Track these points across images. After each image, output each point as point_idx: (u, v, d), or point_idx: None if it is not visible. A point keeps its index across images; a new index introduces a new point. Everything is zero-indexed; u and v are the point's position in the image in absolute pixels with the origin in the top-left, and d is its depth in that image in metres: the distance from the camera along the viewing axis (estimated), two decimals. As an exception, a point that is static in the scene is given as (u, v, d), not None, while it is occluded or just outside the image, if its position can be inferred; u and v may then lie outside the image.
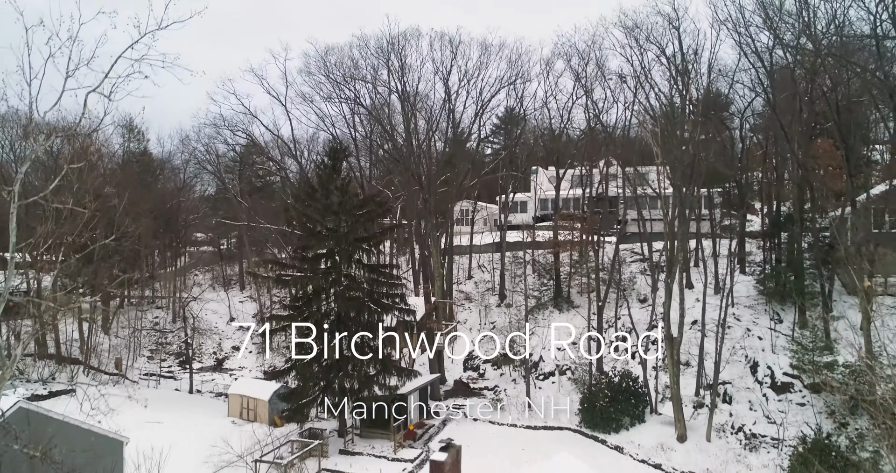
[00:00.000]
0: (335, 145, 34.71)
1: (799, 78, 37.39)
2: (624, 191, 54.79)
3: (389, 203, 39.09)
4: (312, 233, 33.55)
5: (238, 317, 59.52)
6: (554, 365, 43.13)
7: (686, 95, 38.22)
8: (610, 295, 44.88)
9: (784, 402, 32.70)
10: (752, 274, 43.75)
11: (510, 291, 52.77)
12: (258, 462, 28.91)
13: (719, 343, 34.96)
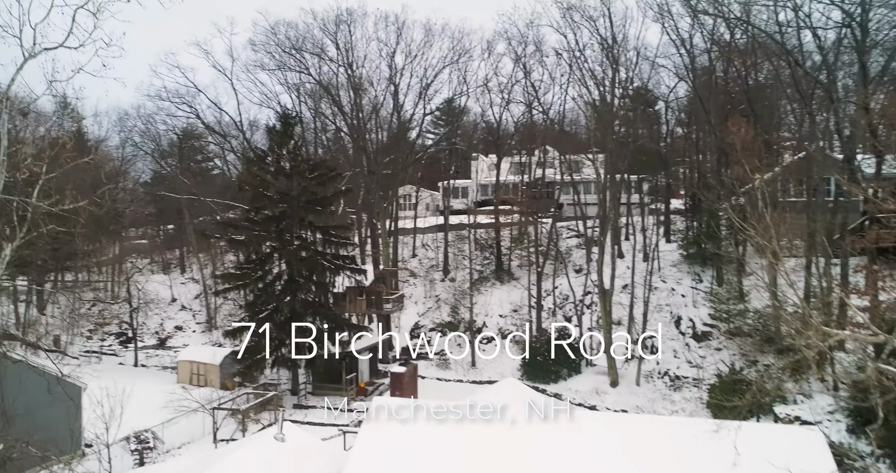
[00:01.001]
0: (286, 111, 36.18)
1: (715, 60, 41.55)
2: (561, 176, 58.26)
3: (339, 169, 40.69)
4: (264, 196, 34.90)
5: (180, 298, 59.48)
6: (497, 330, 45.79)
7: (616, 76, 41.74)
8: (548, 267, 48.10)
9: (704, 348, 36.46)
10: (675, 241, 47.83)
11: (453, 267, 55.27)
12: (216, 410, 30.01)
13: (646, 301, 38.59)
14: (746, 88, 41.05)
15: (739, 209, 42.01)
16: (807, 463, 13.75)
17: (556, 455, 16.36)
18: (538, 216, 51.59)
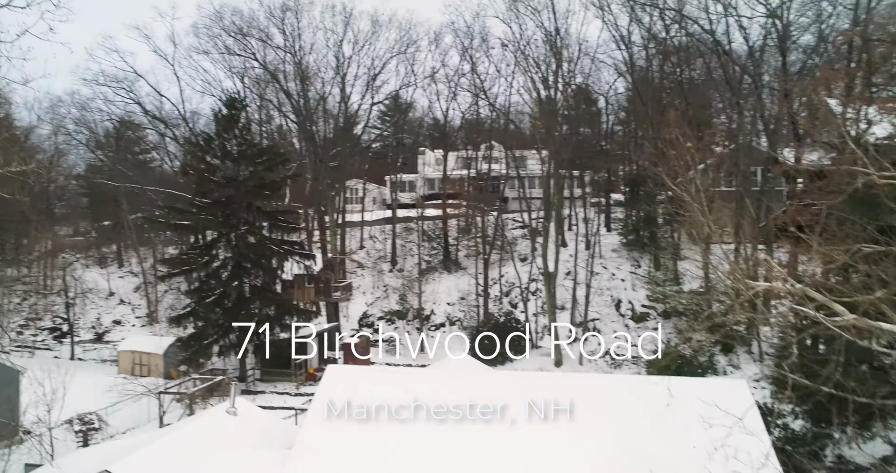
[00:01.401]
0: (233, 95, 36.03)
1: (653, 56, 43.73)
2: (507, 170, 59.68)
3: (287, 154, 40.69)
4: (210, 180, 34.67)
5: (118, 292, 57.82)
6: (445, 317, 46.66)
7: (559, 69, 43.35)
8: (494, 256, 49.43)
9: (642, 328, 38.39)
10: (616, 229, 49.97)
11: (401, 257, 55.90)
12: (162, 394, 29.67)
13: (588, 285, 40.29)
14: (681, 83, 43.39)
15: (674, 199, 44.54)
16: (732, 404, 15.13)
17: (505, 399, 17.33)
18: (484, 208, 52.84)
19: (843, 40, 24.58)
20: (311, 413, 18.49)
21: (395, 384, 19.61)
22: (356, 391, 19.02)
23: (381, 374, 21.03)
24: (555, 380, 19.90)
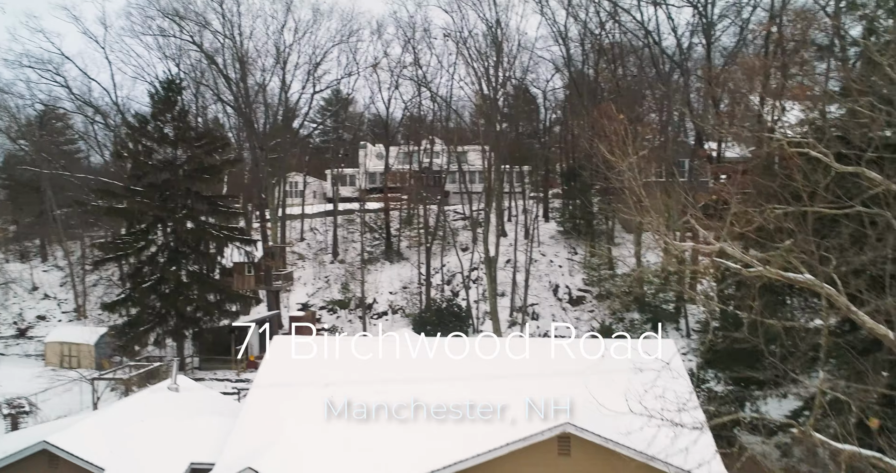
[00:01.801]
0: (170, 77, 35.37)
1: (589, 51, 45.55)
2: (447, 165, 60.55)
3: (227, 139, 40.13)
4: (146, 164, 33.92)
5: (43, 286, 55.27)
6: (387, 306, 47.02)
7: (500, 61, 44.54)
8: (436, 247, 50.23)
9: (579, 311, 39.94)
10: (554, 219, 51.69)
11: (342, 249, 55.87)
12: (96, 380, 28.88)
13: (528, 270, 41.59)
14: (615, 77, 45.37)
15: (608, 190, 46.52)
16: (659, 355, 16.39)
17: (448, 361, 18.06)
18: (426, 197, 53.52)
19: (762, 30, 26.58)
20: (260, 378, 18.67)
21: (342, 351, 20.03)
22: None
23: (327, 343, 21.35)
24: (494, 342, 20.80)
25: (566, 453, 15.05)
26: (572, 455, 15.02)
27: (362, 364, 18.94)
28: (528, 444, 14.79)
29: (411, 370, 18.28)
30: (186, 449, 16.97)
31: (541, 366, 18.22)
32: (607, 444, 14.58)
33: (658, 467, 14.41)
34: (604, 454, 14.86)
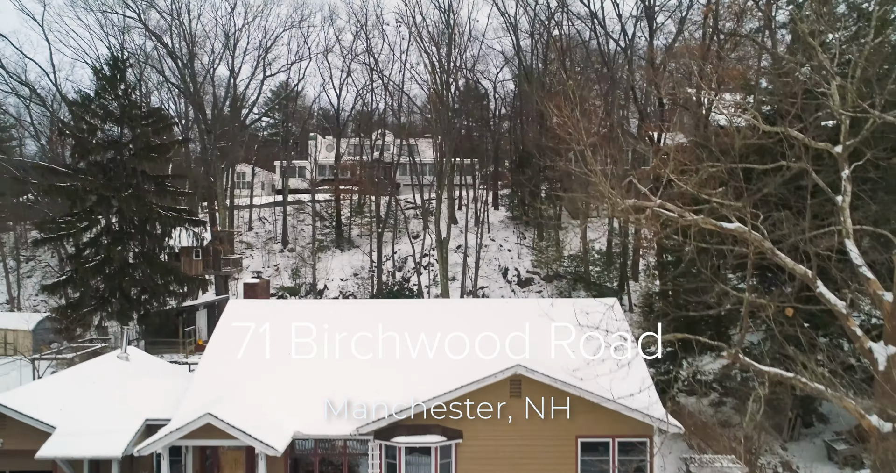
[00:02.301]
0: (116, 54, 34.67)
1: (536, 42, 46.88)
2: (398, 158, 60.90)
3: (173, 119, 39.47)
4: (90, 141, 33.12)
5: (-26, 276, 52.88)
6: (338, 292, 47.11)
7: (451, 48, 45.33)
8: (387, 235, 50.68)
9: (527, 292, 41.06)
10: (503, 206, 52.90)
11: (292, 238, 55.60)
12: (37, 360, 28.09)
13: (479, 251, 42.54)
14: (565, 68, 46.75)
15: (557, 178, 47.97)
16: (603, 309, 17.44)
17: (407, 316, 18.64)
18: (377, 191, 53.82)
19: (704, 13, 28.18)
20: (216, 336, 18.78)
21: (296, 311, 20.31)
22: (258, 317, 19.55)
23: (281, 305, 21.61)
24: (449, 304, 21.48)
25: (517, 394, 15.83)
26: (523, 396, 15.80)
27: (320, 322, 19.29)
28: (482, 386, 15.50)
29: (368, 326, 18.78)
30: (141, 407, 16.95)
31: (492, 320, 19.01)
32: (555, 384, 15.45)
33: (599, 403, 15.39)
34: (552, 394, 15.72)
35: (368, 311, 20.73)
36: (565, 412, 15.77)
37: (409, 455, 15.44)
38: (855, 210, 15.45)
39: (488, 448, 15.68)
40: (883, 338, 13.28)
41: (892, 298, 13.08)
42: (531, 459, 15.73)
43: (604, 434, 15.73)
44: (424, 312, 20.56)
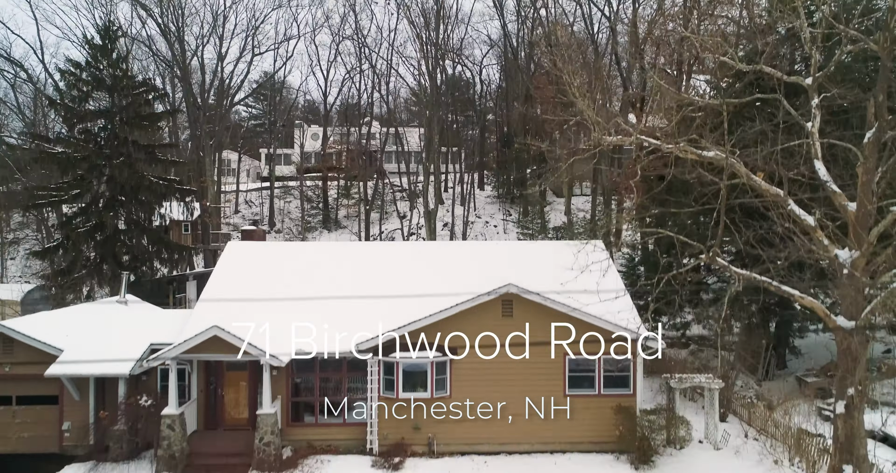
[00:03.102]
0: (107, 24, 35.09)
1: (521, 24, 48.02)
2: (385, 143, 61.67)
3: (163, 90, 39.90)
4: (80, 111, 33.50)
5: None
6: (326, 269, 47.81)
7: (440, 26, 46.31)
8: (374, 216, 51.58)
9: (514, 265, 42.06)
10: (489, 184, 54.00)
11: (279, 219, 56.17)
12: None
13: (466, 224, 43.50)
14: (551, 49, 47.90)
15: (541, 157, 49.12)
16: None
17: (402, 256, 19.43)
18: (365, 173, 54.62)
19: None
20: (217, 272, 19.46)
21: (294, 251, 21.09)
22: (257, 255, 20.28)
23: (279, 245, 22.40)
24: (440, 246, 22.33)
25: (509, 314, 16.74)
26: (514, 316, 16.71)
27: (318, 259, 20.04)
28: (476, 304, 16.40)
29: (364, 263, 19.61)
30: (145, 334, 17.60)
31: (481, 258, 19.95)
32: (545, 302, 16.39)
33: (586, 320, 16.37)
34: (541, 314, 16.65)
35: (364, 251, 21.58)
36: (554, 331, 16.69)
37: (406, 371, 16.27)
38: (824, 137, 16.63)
39: (481, 365, 16.55)
40: (847, 245, 14.39)
41: (855, 207, 14.20)
42: (522, 376, 16.64)
43: (590, 351, 16.67)
44: (417, 252, 21.46)
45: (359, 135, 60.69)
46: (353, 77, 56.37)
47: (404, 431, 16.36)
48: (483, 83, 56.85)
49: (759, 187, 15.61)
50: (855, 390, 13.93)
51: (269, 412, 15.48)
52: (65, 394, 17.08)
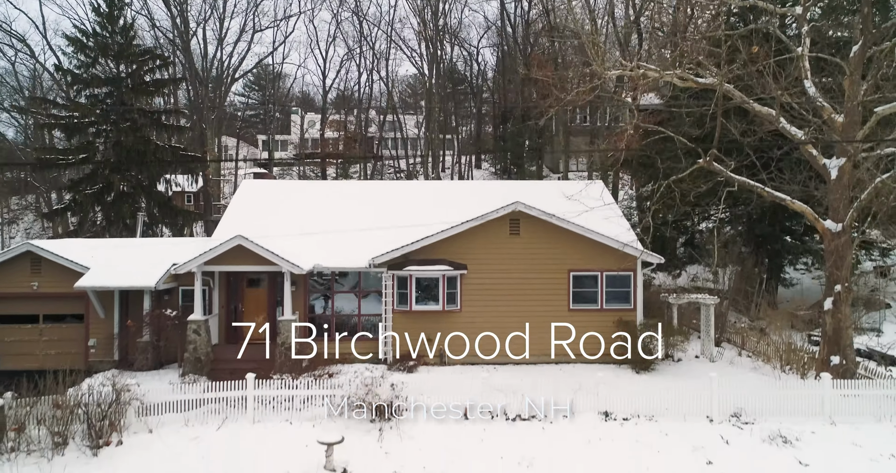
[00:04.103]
0: (114, -8, 35.88)
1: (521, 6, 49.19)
2: (382, 132, 62.54)
3: (169, 59, 40.64)
4: (86, 78, 34.34)
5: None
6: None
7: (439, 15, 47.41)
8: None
9: (512, 235, 43.07)
10: (486, 161, 55.19)
11: (279, 199, 57.04)
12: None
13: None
14: (550, 28, 49.08)
15: (539, 134, 50.26)
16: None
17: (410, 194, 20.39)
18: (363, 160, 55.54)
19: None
20: (232, 206, 20.35)
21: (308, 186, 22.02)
22: (271, 192, 21.22)
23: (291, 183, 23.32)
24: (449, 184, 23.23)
25: (516, 232, 17.72)
26: (521, 235, 17.70)
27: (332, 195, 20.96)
28: (485, 221, 17.39)
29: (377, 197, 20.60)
30: (167, 256, 18.44)
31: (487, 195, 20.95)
32: (550, 219, 17.40)
33: (589, 236, 17.37)
34: (547, 232, 17.64)
35: (372, 188, 22.58)
36: (558, 248, 17.70)
37: (419, 284, 17.22)
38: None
39: (490, 281, 17.54)
40: (835, 154, 15.49)
41: (842, 118, 15.29)
42: (528, 290, 17.62)
43: (593, 268, 17.68)
44: (423, 189, 22.48)
45: (357, 120, 61.64)
46: (353, 57, 56.69)
47: (417, 343, 17.29)
48: (479, 65, 58.03)
49: (751, 109, 16.72)
50: (842, 286, 15.00)
51: (290, 318, 16.40)
52: (90, 312, 17.90)
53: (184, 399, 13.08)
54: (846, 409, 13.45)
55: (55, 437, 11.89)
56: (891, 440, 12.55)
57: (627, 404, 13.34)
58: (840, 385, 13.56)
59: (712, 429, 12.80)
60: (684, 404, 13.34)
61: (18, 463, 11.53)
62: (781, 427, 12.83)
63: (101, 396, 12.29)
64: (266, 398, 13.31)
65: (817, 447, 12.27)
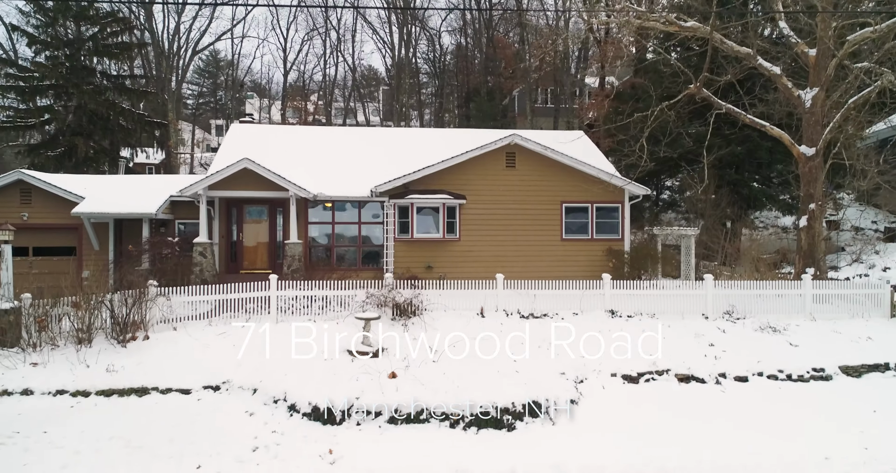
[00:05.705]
0: (76, -48, 35.07)
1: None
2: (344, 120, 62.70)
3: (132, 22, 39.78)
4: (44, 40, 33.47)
5: None
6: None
7: None
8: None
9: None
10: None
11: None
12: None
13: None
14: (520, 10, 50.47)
15: (503, 112, 51.50)
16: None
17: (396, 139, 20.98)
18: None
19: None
20: (225, 146, 20.50)
21: (299, 130, 22.31)
22: (262, 134, 21.46)
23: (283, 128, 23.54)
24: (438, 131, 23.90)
25: (512, 166, 18.59)
26: (517, 167, 18.58)
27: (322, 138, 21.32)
28: (482, 153, 18.19)
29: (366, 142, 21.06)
30: (162, 191, 18.48)
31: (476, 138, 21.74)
32: (545, 152, 18.34)
33: (581, 169, 18.40)
34: (541, 166, 18.59)
35: (364, 134, 23.08)
36: (552, 181, 18.66)
37: (419, 213, 17.86)
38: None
39: (487, 211, 18.35)
40: (809, 85, 16.99)
41: (814, 52, 16.80)
42: (523, 220, 18.52)
43: (584, 200, 18.71)
44: (409, 135, 23.12)
45: (316, 103, 61.61)
46: (312, 38, 56.66)
47: (417, 270, 17.91)
48: (442, 47, 59.00)
49: (731, 49, 18.09)
50: (815, 204, 16.47)
51: (297, 242, 16.78)
52: (84, 243, 17.78)
53: (208, 299, 13.33)
54: (824, 309, 14.88)
55: (79, 333, 12.00)
56: (865, 329, 13.99)
57: (629, 304, 14.38)
58: (819, 286, 14.98)
59: (709, 323, 13.97)
60: (681, 302, 14.48)
61: (45, 354, 11.61)
62: (770, 320, 14.12)
63: (124, 295, 12.46)
64: (288, 298, 13.71)
65: (804, 334, 13.58)
